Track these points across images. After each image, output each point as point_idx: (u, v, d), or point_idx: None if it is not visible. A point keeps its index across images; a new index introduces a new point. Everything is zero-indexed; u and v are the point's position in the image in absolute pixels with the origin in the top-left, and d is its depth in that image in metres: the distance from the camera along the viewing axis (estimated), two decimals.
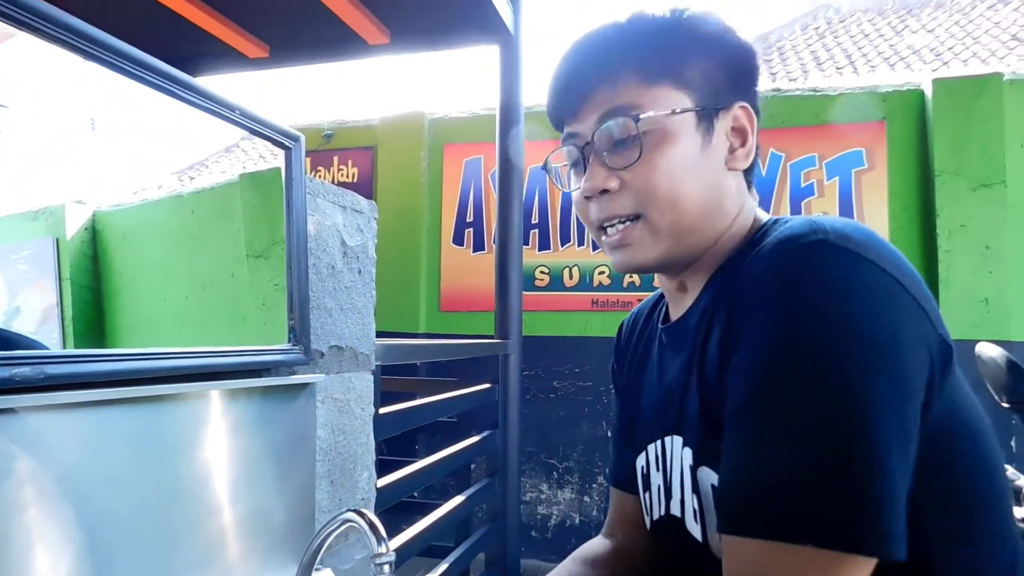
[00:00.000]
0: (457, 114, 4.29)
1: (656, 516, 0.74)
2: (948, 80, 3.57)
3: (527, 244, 3.97)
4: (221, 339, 1.20)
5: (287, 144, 0.97)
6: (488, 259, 4.08)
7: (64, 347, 1.16)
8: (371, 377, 1.28)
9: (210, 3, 2.69)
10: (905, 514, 0.49)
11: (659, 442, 0.72)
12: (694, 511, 0.64)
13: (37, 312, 1.18)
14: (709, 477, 0.61)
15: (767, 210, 2.95)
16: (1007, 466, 0.64)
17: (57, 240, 1.20)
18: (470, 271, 4.15)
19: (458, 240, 4.19)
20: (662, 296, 0.81)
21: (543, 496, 4.02)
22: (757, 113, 0.70)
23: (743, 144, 0.68)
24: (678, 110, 0.64)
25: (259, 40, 3.00)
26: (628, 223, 0.67)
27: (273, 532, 0.94)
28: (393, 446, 3.35)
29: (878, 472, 0.48)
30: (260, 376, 0.95)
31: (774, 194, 3.74)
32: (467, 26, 2.75)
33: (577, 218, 4.00)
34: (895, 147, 3.64)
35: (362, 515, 0.70)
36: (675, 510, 0.68)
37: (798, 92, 3.84)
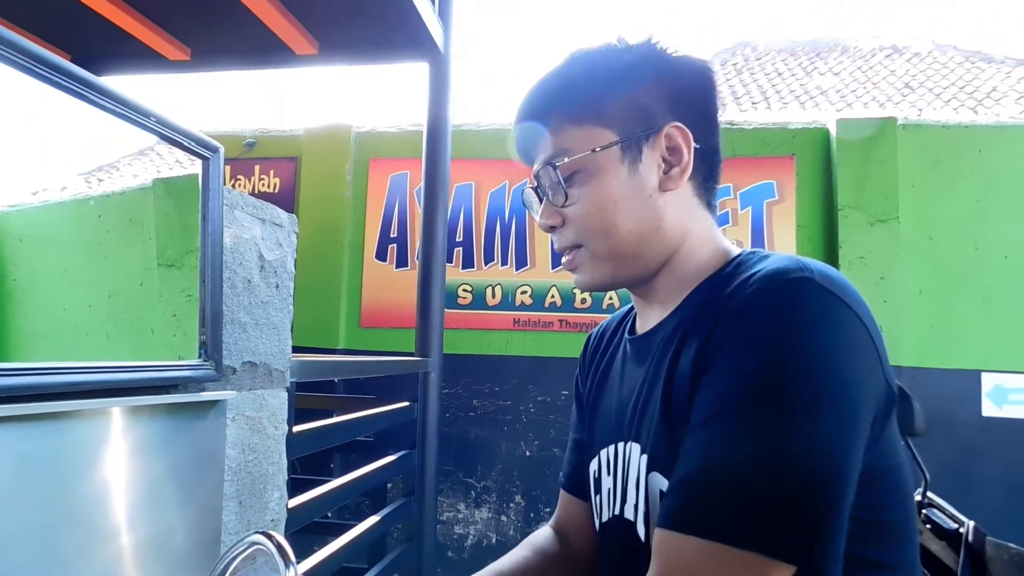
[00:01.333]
0: (384, 129, 4.26)
1: (605, 518, 0.75)
2: (850, 121, 3.82)
3: (451, 262, 3.97)
4: (125, 351, 1.15)
5: (205, 154, 0.95)
6: (411, 276, 4.05)
7: None
8: (285, 394, 1.25)
9: (127, 0, 2.58)
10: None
11: (613, 447, 0.74)
12: (644, 515, 0.67)
13: None
14: (659, 483, 0.63)
15: None
16: None
17: None
18: (392, 287, 4.11)
19: (381, 256, 4.15)
20: (631, 310, 0.83)
21: (460, 515, 3.99)
22: (704, 128, 0.71)
23: (679, 162, 0.70)
24: (598, 148, 0.68)
25: (180, 42, 2.90)
26: (574, 250, 0.72)
27: (174, 556, 0.90)
28: (307, 465, 3.26)
29: (830, 495, 0.52)
30: (167, 392, 0.91)
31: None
32: (397, 42, 2.75)
33: (501, 237, 4.05)
34: (803, 181, 3.85)
35: (270, 537, 0.68)
36: (628, 514, 0.70)
37: None
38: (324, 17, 2.68)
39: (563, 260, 0.75)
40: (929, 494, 1.48)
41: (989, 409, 3.58)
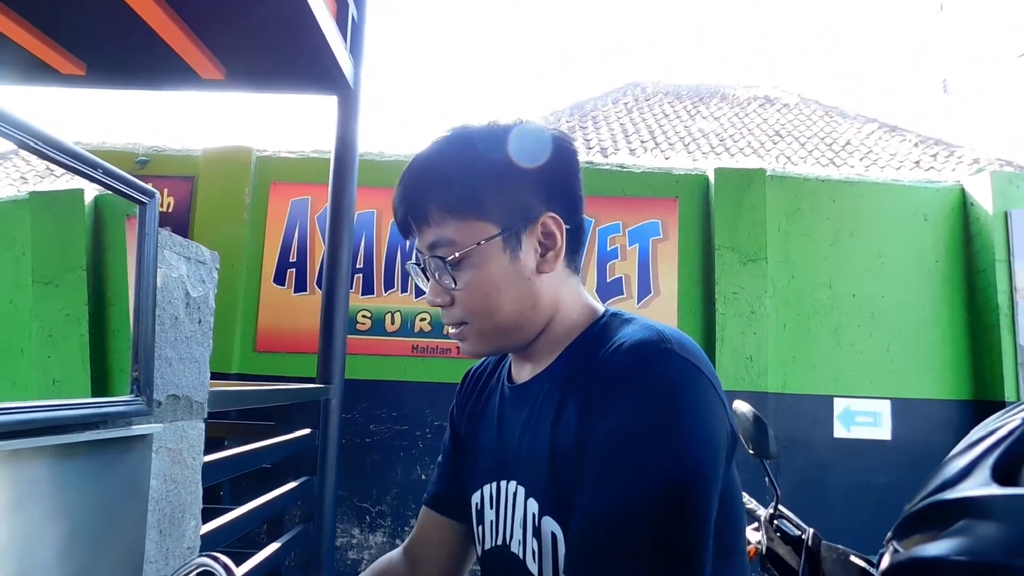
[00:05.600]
0: (286, 153, 4.25)
1: (488, 546, 0.86)
2: (726, 170, 4.20)
3: (351, 288, 4.00)
4: None
5: (143, 200, 1.00)
6: (309, 301, 4.05)
7: None
8: (203, 425, 1.29)
9: (13, 7, 2.48)
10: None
11: (495, 484, 0.84)
12: (534, 552, 0.76)
13: None
14: (551, 526, 0.74)
15: None
16: (743, 493, 0.85)
17: None
18: (290, 312, 4.08)
19: (279, 280, 4.11)
20: (506, 355, 0.93)
21: (355, 541, 3.99)
22: (571, 209, 0.81)
23: (554, 246, 0.79)
24: (482, 241, 0.76)
25: (75, 57, 2.81)
26: (461, 326, 0.81)
27: None
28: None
29: (700, 537, 0.64)
30: (97, 428, 0.95)
31: (584, 255, 4.12)
32: (307, 74, 2.79)
33: (401, 264, 4.12)
34: (685, 222, 4.19)
35: (215, 559, 0.75)
36: (515, 548, 0.80)
37: (607, 167, 4.30)
38: (234, 44, 2.69)
39: (451, 332, 0.82)
40: (780, 507, 1.72)
41: (839, 431, 4.01)
